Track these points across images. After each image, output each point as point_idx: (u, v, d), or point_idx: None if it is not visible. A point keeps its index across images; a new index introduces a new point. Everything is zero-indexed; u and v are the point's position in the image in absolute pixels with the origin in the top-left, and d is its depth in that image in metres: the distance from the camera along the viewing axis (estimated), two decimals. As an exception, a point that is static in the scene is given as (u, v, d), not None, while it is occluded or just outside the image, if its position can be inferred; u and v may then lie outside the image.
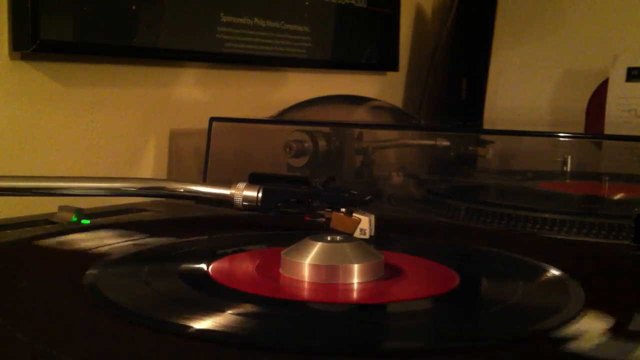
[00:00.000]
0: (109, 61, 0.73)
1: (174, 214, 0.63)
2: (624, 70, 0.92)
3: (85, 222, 0.56)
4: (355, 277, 0.38)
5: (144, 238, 0.48)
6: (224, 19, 0.80)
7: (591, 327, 0.33)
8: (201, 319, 0.32)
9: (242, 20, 0.82)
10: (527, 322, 0.33)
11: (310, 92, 0.91)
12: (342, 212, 0.46)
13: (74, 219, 0.56)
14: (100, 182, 0.53)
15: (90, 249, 0.45)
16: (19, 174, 0.53)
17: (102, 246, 0.45)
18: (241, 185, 0.50)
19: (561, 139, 0.84)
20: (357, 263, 0.38)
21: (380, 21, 1.04)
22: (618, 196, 0.75)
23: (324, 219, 0.47)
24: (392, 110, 1.00)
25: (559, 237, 0.58)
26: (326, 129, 0.79)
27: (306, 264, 0.38)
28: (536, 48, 1.12)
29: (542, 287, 0.40)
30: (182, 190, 0.52)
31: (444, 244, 0.51)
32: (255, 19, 0.84)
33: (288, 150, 0.76)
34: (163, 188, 0.52)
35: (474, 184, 0.92)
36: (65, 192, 0.51)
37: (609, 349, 0.30)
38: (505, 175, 0.91)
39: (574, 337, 0.31)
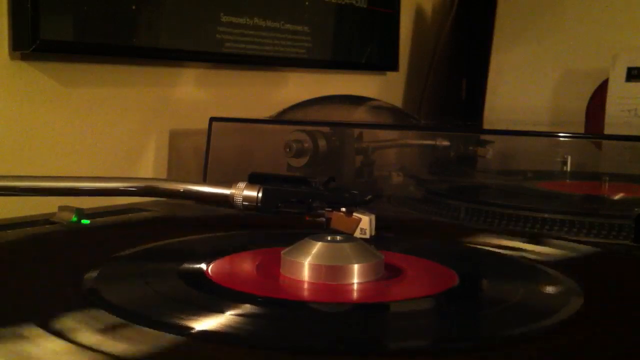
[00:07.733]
0: (109, 61, 0.73)
1: (174, 214, 0.63)
2: (623, 70, 0.92)
3: (85, 222, 0.56)
4: (355, 277, 0.38)
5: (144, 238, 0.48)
6: (224, 19, 0.80)
7: (590, 327, 0.33)
8: (201, 319, 0.32)
9: (242, 20, 0.82)
10: (527, 322, 0.33)
11: (310, 92, 0.91)
12: (343, 211, 0.46)
13: (74, 219, 0.56)
14: (100, 182, 0.53)
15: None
16: (19, 174, 0.53)
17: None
18: (241, 185, 0.50)
19: (561, 139, 0.84)
20: (357, 263, 0.38)
21: (380, 21, 1.04)
22: (618, 196, 0.75)
23: (324, 219, 0.47)
24: (392, 110, 1.00)
25: (559, 237, 0.58)
26: (326, 129, 0.78)
27: (306, 263, 0.38)
28: (536, 48, 1.12)
29: (542, 287, 0.40)
30: (182, 190, 0.52)
31: (444, 244, 0.51)
32: (255, 19, 0.84)
33: (288, 150, 0.76)
34: (163, 188, 0.52)
35: (474, 184, 0.92)
36: (65, 192, 0.51)
37: (609, 349, 0.30)
38: (505, 175, 0.91)
39: (573, 338, 0.31)
